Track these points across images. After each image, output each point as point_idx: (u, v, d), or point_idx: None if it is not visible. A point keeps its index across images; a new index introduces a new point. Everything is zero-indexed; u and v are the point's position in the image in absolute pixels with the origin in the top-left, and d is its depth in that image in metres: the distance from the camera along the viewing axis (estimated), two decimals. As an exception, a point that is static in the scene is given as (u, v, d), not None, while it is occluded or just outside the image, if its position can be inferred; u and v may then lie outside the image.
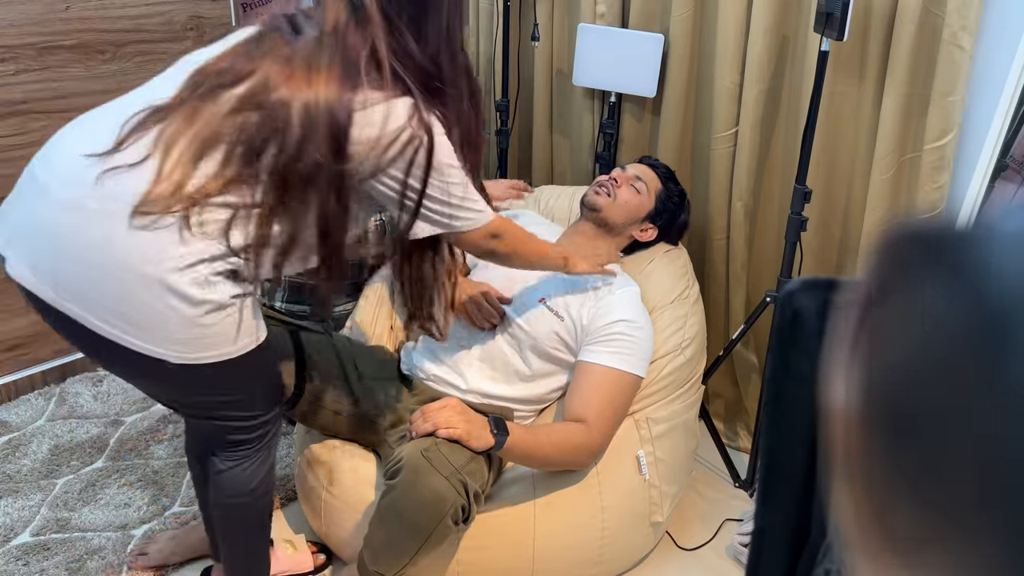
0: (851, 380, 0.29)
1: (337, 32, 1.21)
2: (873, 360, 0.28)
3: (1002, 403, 0.23)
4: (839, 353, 0.31)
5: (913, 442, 0.26)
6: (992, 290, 0.24)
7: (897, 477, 0.26)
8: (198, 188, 1.15)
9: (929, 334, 0.26)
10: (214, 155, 1.17)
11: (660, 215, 1.94)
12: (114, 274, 1.15)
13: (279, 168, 1.18)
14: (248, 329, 1.26)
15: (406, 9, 1.21)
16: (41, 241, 1.18)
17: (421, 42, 1.22)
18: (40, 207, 1.19)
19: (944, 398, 0.25)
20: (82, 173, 1.17)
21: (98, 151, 1.17)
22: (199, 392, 1.31)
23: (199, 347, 1.21)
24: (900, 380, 0.27)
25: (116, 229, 1.14)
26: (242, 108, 1.18)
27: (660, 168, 2.00)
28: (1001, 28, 1.68)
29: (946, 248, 0.27)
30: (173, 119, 1.18)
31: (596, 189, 1.89)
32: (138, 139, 1.18)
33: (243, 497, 1.45)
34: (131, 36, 2.34)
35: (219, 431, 1.38)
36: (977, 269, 0.25)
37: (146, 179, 1.15)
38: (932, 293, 0.26)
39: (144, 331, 1.17)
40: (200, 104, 1.18)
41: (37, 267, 1.18)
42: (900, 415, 0.26)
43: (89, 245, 1.15)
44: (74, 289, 1.17)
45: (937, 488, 0.25)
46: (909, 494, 0.26)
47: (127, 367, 1.27)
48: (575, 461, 1.63)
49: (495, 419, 1.49)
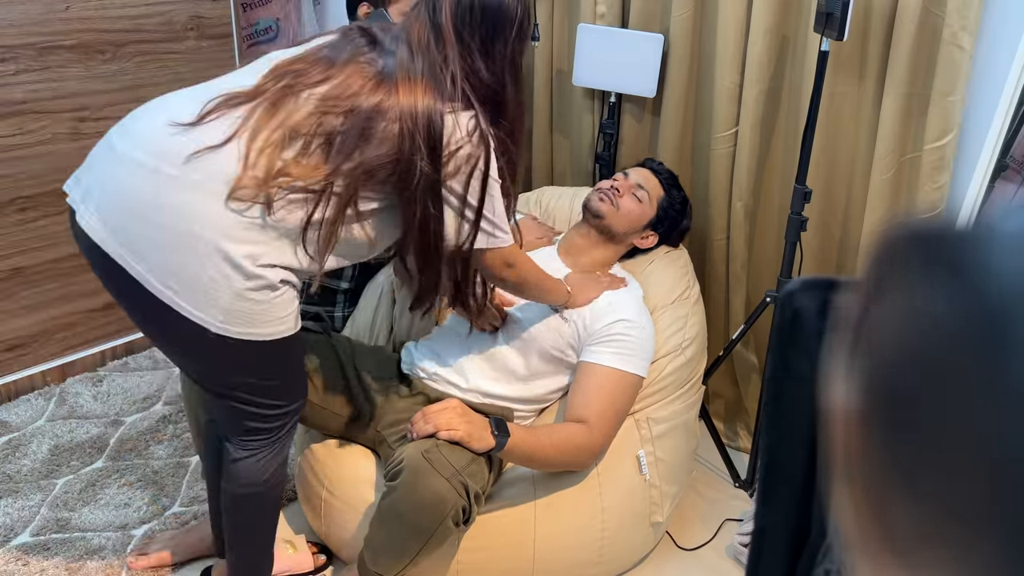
0: (851, 380, 0.29)
1: (422, 46, 1.31)
2: (873, 360, 0.28)
3: (1002, 402, 0.23)
4: (839, 353, 0.31)
5: (913, 441, 0.26)
6: (992, 289, 0.24)
7: (897, 476, 0.26)
8: (280, 169, 1.23)
9: (929, 333, 0.26)
10: (295, 144, 1.25)
11: (662, 222, 1.92)
12: (185, 240, 1.22)
13: (364, 168, 1.26)
14: (289, 316, 1.33)
15: (478, 32, 1.31)
16: (116, 199, 1.25)
17: (489, 64, 1.33)
18: (118, 169, 1.26)
19: (944, 397, 0.25)
20: (164, 141, 1.25)
21: (180, 121, 1.25)
22: (231, 370, 1.35)
23: (242, 321, 1.27)
24: (900, 379, 0.27)
25: (200, 201, 1.22)
26: (325, 110, 1.25)
27: (663, 174, 1.96)
28: (1001, 28, 1.68)
29: (946, 248, 0.27)
30: (256, 106, 1.26)
31: (600, 195, 1.86)
32: (220, 116, 1.26)
33: (256, 487, 1.47)
34: (131, 36, 2.34)
35: (239, 415, 1.41)
36: (977, 268, 0.25)
37: (233, 160, 1.23)
38: (932, 292, 0.26)
39: (194, 294, 1.24)
40: (281, 97, 1.27)
41: (107, 221, 1.25)
42: (900, 414, 0.26)
43: (164, 207, 1.22)
44: (138, 246, 1.23)
45: (937, 487, 0.25)
46: (909, 493, 0.26)
47: (166, 331, 1.31)
48: (576, 462, 1.63)
49: (496, 420, 1.49)
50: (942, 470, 0.24)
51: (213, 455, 1.57)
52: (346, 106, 1.25)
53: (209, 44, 2.53)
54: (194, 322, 1.25)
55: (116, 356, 2.57)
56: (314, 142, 1.25)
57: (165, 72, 2.44)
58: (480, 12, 1.31)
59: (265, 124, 1.25)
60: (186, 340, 1.29)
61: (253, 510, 1.52)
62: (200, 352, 1.32)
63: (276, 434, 1.45)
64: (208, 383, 1.39)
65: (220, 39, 2.56)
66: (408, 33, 1.33)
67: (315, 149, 1.25)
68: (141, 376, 2.49)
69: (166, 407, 2.35)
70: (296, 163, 1.24)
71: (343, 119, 1.25)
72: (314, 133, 1.25)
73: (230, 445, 1.45)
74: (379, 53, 1.32)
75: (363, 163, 1.26)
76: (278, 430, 1.45)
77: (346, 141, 1.25)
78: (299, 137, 1.25)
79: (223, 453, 1.48)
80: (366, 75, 1.28)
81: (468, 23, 1.31)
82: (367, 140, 1.25)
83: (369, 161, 1.26)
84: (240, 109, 1.27)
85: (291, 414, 1.46)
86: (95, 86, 2.31)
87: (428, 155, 1.27)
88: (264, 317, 1.29)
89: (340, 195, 1.27)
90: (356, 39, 1.35)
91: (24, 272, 2.31)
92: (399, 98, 1.26)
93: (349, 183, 1.26)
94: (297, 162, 1.24)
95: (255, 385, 1.37)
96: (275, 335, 1.32)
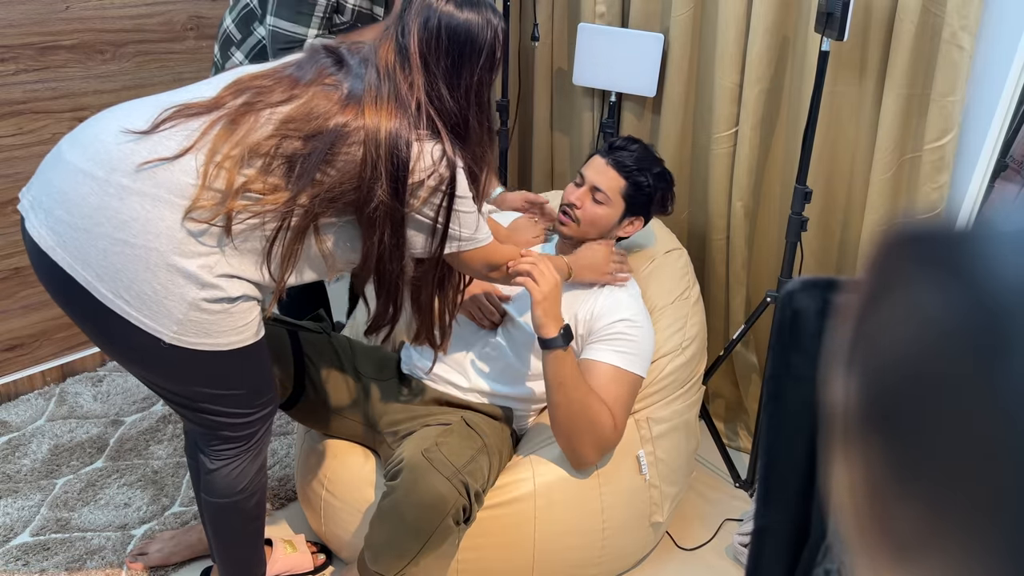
0: (850, 380, 0.29)
1: (389, 70, 1.29)
2: (872, 360, 0.28)
3: (1002, 402, 0.23)
4: (839, 353, 0.31)
5: (913, 442, 0.26)
6: (992, 290, 0.24)
7: (897, 477, 0.26)
8: (243, 185, 1.21)
9: (929, 334, 0.26)
10: (255, 163, 1.22)
11: (636, 208, 1.80)
12: (136, 251, 1.19)
13: (325, 195, 1.24)
14: (248, 325, 1.29)
15: (444, 59, 1.29)
16: (64, 207, 1.21)
17: (453, 92, 1.31)
18: (66, 178, 1.22)
19: (943, 398, 0.25)
20: (114, 150, 1.22)
21: (133, 129, 1.23)
22: (190, 381, 1.31)
23: (196, 332, 1.23)
24: (899, 380, 0.27)
25: (153, 211, 1.19)
26: (285, 133, 1.23)
27: (623, 163, 1.76)
28: (1001, 28, 1.68)
29: (945, 248, 0.27)
30: (214, 120, 1.23)
31: (561, 218, 1.79)
32: (174, 126, 1.23)
33: (232, 497, 1.46)
34: (131, 36, 2.34)
35: (208, 426, 1.38)
36: (977, 269, 0.25)
37: (189, 174, 1.20)
38: (931, 293, 0.26)
39: (146, 304, 1.20)
40: (241, 115, 1.24)
41: (55, 229, 1.21)
42: (899, 415, 0.26)
43: (113, 217, 1.19)
44: (87, 256, 1.20)
45: (936, 488, 0.25)
46: (909, 494, 0.26)
47: (119, 342, 1.27)
48: (590, 432, 1.57)
49: (568, 328, 1.54)
50: (942, 471, 0.24)
51: (194, 461, 1.56)
52: (308, 129, 1.23)
53: (209, 44, 2.53)
54: (147, 332, 1.22)
55: (116, 356, 2.57)
56: (274, 163, 1.22)
57: (165, 72, 2.45)
58: (447, 38, 1.28)
59: (224, 140, 1.21)
60: (140, 351, 1.25)
61: (235, 518, 1.51)
62: (155, 363, 1.27)
63: (248, 442, 1.43)
64: (169, 395, 1.35)
65: (220, 39, 2.57)
66: (376, 55, 1.31)
67: (275, 169, 1.22)
68: (141, 376, 2.49)
69: (166, 407, 2.35)
70: (258, 179, 1.21)
71: (303, 143, 1.22)
72: (274, 155, 1.22)
73: (204, 456, 1.43)
74: (345, 75, 1.29)
75: (324, 189, 1.23)
76: (250, 438, 1.43)
77: (307, 166, 1.22)
78: (258, 157, 1.22)
79: (199, 463, 1.46)
80: (331, 98, 1.26)
81: (434, 49, 1.28)
82: (329, 165, 1.23)
83: (330, 188, 1.24)
84: (196, 121, 1.23)
85: (261, 421, 1.43)
86: (95, 86, 2.31)
87: (389, 184, 1.24)
88: (220, 327, 1.25)
89: (300, 219, 1.24)
90: (322, 59, 1.32)
91: (24, 272, 2.31)
92: (364, 120, 1.24)
93: (309, 208, 1.24)
94: (259, 178, 1.21)
95: (219, 395, 1.34)
96: (233, 345, 1.28)
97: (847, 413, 0.29)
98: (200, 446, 1.44)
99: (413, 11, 1.30)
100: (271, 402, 1.44)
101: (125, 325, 1.21)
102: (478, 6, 1.31)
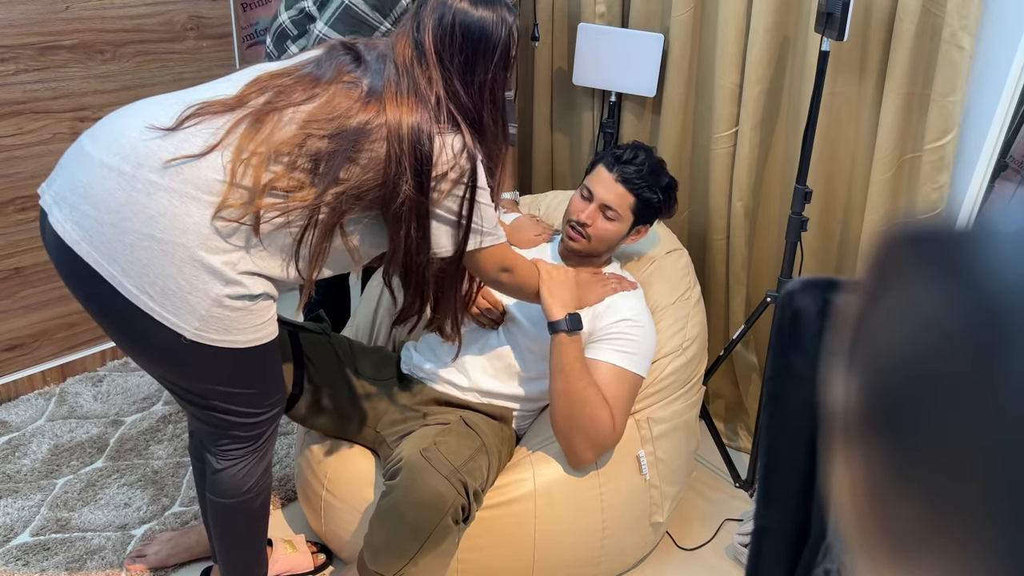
0: (850, 380, 0.29)
1: (407, 65, 1.30)
2: (872, 360, 0.28)
3: (1002, 402, 0.23)
4: (839, 353, 0.31)
5: (913, 442, 0.26)
6: (991, 290, 0.24)
7: (897, 477, 0.26)
8: (270, 182, 1.22)
9: (928, 334, 0.26)
10: (281, 160, 1.23)
11: (644, 219, 1.81)
12: (163, 246, 1.19)
13: (351, 192, 1.25)
14: (267, 322, 1.31)
15: (457, 56, 1.30)
16: (90, 202, 1.22)
17: (467, 88, 1.32)
18: (91, 173, 1.23)
19: (943, 398, 0.25)
20: (139, 146, 1.22)
21: (158, 126, 1.23)
22: (206, 378, 1.32)
23: (218, 328, 1.24)
24: (899, 380, 0.27)
25: (180, 208, 1.20)
26: (309, 132, 1.23)
27: (632, 180, 1.74)
28: (1001, 28, 1.68)
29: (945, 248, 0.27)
30: (239, 119, 1.24)
31: (571, 233, 1.78)
32: (199, 123, 1.24)
33: (238, 497, 1.46)
34: (131, 36, 2.34)
35: (218, 425, 1.39)
36: (976, 269, 0.25)
37: (216, 172, 1.21)
38: (931, 293, 0.26)
39: (170, 300, 1.21)
40: (265, 114, 1.25)
41: (81, 224, 1.22)
42: (900, 415, 0.26)
43: (141, 212, 1.20)
44: (113, 250, 1.20)
45: (937, 487, 0.25)
46: (909, 494, 0.26)
47: (139, 338, 1.27)
48: (588, 428, 1.57)
49: (576, 315, 1.56)
50: (942, 470, 0.24)
51: (199, 462, 1.56)
52: (331, 128, 1.24)
53: (209, 44, 2.53)
54: (168, 328, 1.22)
55: (116, 356, 2.57)
56: (299, 161, 1.23)
57: (165, 72, 2.45)
58: (461, 35, 1.30)
59: (249, 139, 1.22)
60: (160, 347, 1.26)
61: (239, 519, 1.51)
62: (173, 360, 1.28)
63: (256, 442, 1.43)
64: (183, 393, 1.36)
65: (220, 39, 2.57)
66: (394, 50, 1.32)
67: (300, 167, 1.23)
68: (141, 376, 2.49)
69: (166, 407, 2.35)
70: (284, 177, 1.22)
71: (328, 142, 1.23)
72: (299, 154, 1.23)
73: (211, 456, 1.43)
74: (364, 72, 1.30)
75: (350, 187, 1.25)
76: (258, 438, 1.43)
77: (332, 165, 1.23)
78: (284, 155, 1.23)
79: (205, 463, 1.46)
80: (351, 96, 1.27)
81: (448, 45, 1.30)
82: (353, 163, 1.24)
83: (356, 185, 1.25)
84: (220, 119, 1.24)
85: (270, 421, 1.43)
86: (95, 86, 2.31)
87: (413, 178, 1.26)
88: (240, 324, 1.26)
89: (327, 217, 1.26)
90: (340, 56, 1.33)
91: (24, 272, 2.31)
92: (387, 116, 1.25)
93: (336, 206, 1.25)
94: (284, 176, 1.23)
95: (231, 394, 1.35)
96: (252, 342, 1.29)
97: (847, 413, 0.29)
98: (207, 446, 1.44)
99: (429, 7, 1.32)
100: (280, 402, 1.45)
101: (147, 320, 1.22)
102: (493, 4, 1.32)
